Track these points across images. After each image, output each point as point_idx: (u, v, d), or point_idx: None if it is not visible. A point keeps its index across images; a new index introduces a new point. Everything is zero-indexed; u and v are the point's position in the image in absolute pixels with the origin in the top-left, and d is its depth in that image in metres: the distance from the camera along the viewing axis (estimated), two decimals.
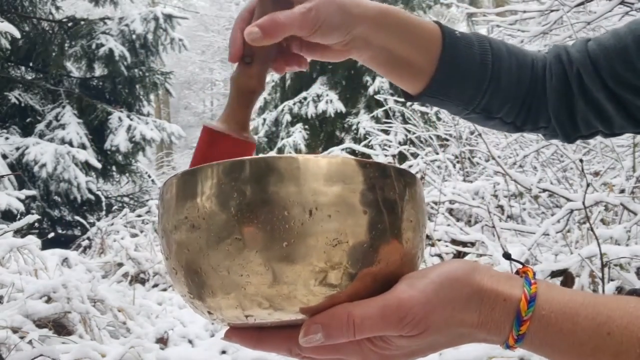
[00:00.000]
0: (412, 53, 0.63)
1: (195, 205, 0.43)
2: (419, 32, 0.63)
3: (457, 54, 0.64)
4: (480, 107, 0.68)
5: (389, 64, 0.64)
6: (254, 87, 0.56)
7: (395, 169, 0.46)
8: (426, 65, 0.64)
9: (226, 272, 0.42)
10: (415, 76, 0.65)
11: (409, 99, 0.69)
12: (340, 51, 0.61)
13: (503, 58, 0.67)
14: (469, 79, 0.66)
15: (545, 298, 0.43)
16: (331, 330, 0.42)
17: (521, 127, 0.72)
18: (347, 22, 0.57)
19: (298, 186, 0.41)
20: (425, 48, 0.63)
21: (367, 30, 0.59)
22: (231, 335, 0.47)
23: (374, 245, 0.43)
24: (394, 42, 0.61)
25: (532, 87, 0.69)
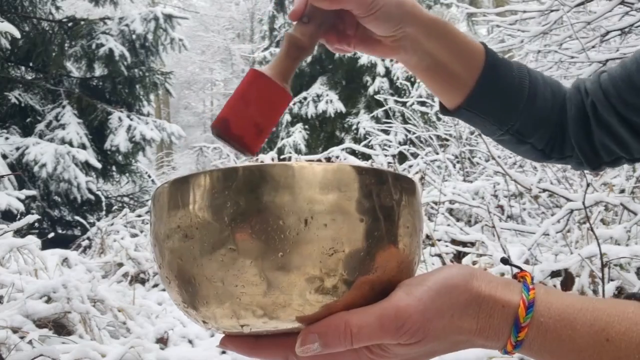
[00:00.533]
0: (457, 64, 0.66)
1: (188, 214, 0.42)
2: (465, 45, 0.67)
3: (497, 73, 0.68)
4: (514, 129, 0.71)
5: (433, 70, 0.67)
6: (303, 44, 0.60)
7: (392, 175, 0.45)
8: (468, 78, 0.67)
9: (220, 283, 0.41)
10: (456, 88, 0.68)
11: (446, 113, 0.73)
12: (390, 47, 0.65)
13: (539, 85, 0.71)
14: (506, 97, 0.69)
15: (543, 304, 0.43)
16: (328, 340, 0.41)
17: (550, 155, 0.75)
18: (401, 17, 0.62)
19: (293, 195, 0.40)
20: (468, 62, 0.67)
21: (418, 33, 0.63)
22: (226, 343, 0.46)
23: (370, 253, 0.42)
24: (441, 50, 0.65)
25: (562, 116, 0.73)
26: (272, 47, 11.42)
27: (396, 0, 0.61)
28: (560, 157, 0.76)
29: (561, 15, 2.84)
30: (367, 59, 10.26)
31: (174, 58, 16.47)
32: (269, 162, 0.43)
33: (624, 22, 2.83)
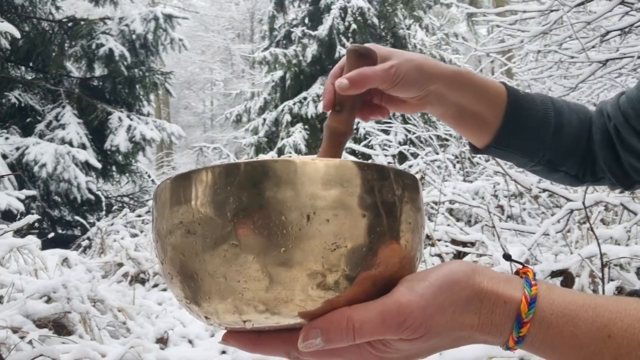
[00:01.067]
0: (481, 108, 0.71)
1: (190, 210, 0.42)
2: (487, 89, 0.71)
3: (520, 109, 0.71)
4: (545, 159, 0.74)
5: (460, 117, 0.71)
6: (343, 130, 0.63)
7: (394, 171, 0.45)
8: (493, 118, 0.71)
9: (223, 278, 0.41)
10: (483, 129, 0.72)
11: (476, 151, 0.77)
12: (416, 105, 0.70)
13: (564, 114, 0.74)
14: (532, 131, 0.72)
15: (545, 300, 0.43)
16: (330, 335, 0.42)
17: (583, 179, 0.77)
18: (423, 80, 0.66)
19: (295, 190, 0.40)
20: (492, 103, 0.71)
21: (442, 88, 0.67)
22: (229, 339, 0.46)
23: (372, 248, 0.42)
24: (465, 99, 0.69)
25: (590, 141, 0.75)
26: (272, 47, 11.41)
27: (415, 65, 0.65)
28: (594, 180, 0.78)
29: (561, 15, 2.84)
30: None
31: (174, 58, 16.46)
32: (272, 158, 0.43)
33: (624, 22, 2.83)
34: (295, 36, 11.12)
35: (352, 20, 10.59)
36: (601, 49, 3.10)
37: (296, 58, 10.95)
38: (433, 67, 0.66)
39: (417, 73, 0.65)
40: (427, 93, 0.67)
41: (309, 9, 11.37)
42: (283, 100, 11.17)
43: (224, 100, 22.01)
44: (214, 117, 22.06)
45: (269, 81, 11.67)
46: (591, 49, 2.98)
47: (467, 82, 0.69)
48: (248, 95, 12.68)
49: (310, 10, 11.32)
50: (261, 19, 13.36)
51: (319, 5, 11.07)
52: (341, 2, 10.68)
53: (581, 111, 0.76)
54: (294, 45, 11.10)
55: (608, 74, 3.08)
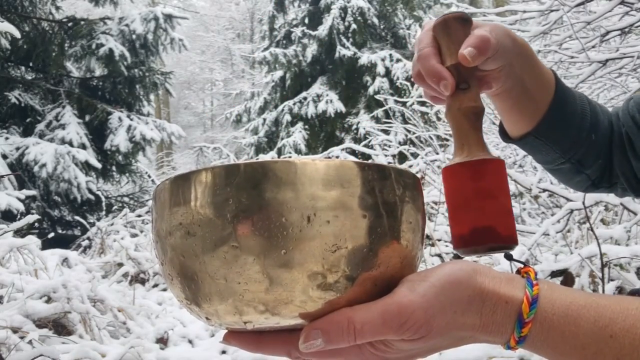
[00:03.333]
0: (537, 89, 0.66)
1: (190, 212, 0.42)
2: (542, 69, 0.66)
3: (566, 99, 0.68)
4: (576, 158, 0.71)
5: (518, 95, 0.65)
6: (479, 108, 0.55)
7: (395, 170, 0.45)
8: (543, 104, 0.67)
9: (223, 280, 0.41)
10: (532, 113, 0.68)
11: (508, 140, 0.72)
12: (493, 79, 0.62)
13: (598, 114, 0.72)
14: (572, 125, 0.69)
15: (547, 300, 0.43)
16: (331, 336, 0.42)
17: (598, 185, 0.75)
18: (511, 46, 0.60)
19: (295, 191, 0.40)
20: (545, 86, 0.67)
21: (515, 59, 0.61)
22: (229, 339, 0.46)
23: (373, 249, 0.42)
24: (527, 73, 0.64)
25: (612, 145, 0.73)
26: (272, 47, 11.41)
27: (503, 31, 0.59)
28: (608, 186, 0.76)
29: (561, 15, 2.84)
30: (367, 58, 10.26)
31: (174, 58, 16.46)
32: (272, 159, 0.43)
33: (624, 22, 2.83)
34: (295, 36, 11.13)
35: (352, 20, 10.59)
36: (601, 49, 3.10)
37: (296, 58, 10.95)
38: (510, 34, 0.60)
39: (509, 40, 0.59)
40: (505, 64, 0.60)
41: (309, 9, 11.37)
42: (283, 100, 11.18)
43: (224, 100, 22.01)
44: (214, 117, 22.06)
45: (269, 81, 11.67)
46: (591, 49, 2.98)
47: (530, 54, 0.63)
48: (248, 95, 12.68)
49: (310, 10, 11.32)
50: (261, 19, 13.37)
51: (319, 5, 11.07)
52: (341, 2, 10.68)
53: (607, 114, 0.74)
54: (294, 45, 11.10)
55: (608, 74, 3.08)
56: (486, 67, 0.59)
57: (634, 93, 2.60)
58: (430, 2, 11.95)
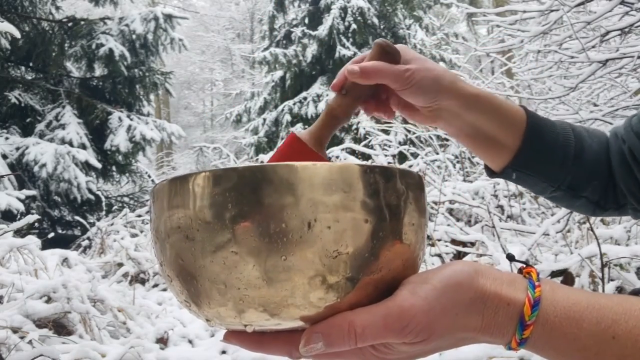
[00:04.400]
0: (499, 130, 0.68)
1: (188, 215, 0.41)
2: (506, 112, 0.68)
3: (540, 132, 0.69)
4: (565, 185, 0.71)
5: (474, 138, 0.69)
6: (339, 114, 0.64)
7: (399, 171, 0.44)
8: (511, 141, 0.69)
9: (223, 285, 0.41)
10: (501, 151, 0.70)
11: (492, 175, 0.74)
12: (428, 117, 0.68)
13: (584, 138, 0.72)
14: (553, 154, 0.70)
15: (549, 302, 0.43)
16: (332, 340, 0.42)
17: (605, 206, 0.75)
18: (437, 92, 0.65)
19: (296, 196, 0.39)
20: (511, 125, 0.68)
21: (457, 106, 0.66)
22: (230, 338, 0.46)
23: (375, 253, 0.41)
24: (482, 120, 0.67)
25: (610, 166, 0.73)
26: (272, 47, 11.41)
27: (433, 75, 0.64)
28: (616, 208, 0.75)
29: (561, 15, 2.84)
30: None
31: (174, 58, 16.46)
32: (272, 163, 0.42)
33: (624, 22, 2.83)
34: (295, 36, 11.12)
35: (352, 20, 10.58)
36: (601, 49, 3.10)
37: (296, 58, 10.95)
38: (451, 84, 0.65)
39: (432, 83, 0.64)
40: (438, 106, 0.66)
41: (309, 9, 11.37)
42: (283, 100, 11.17)
43: (224, 100, 22.00)
44: (214, 117, 22.06)
45: (269, 81, 11.67)
46: (591, 49, 2.98)
47: (486, 104, 0.67)
48: (248, 95, 12.68)
49: (310, 10, 11.32)
50: (261, 19, 13.37)
51: (319, 5, 11.07)
52: (341, 2, 10.67)
53: (599, 135, 0.74)
54: (294, 45, 11.10)
55: (608, 74, 3.08)
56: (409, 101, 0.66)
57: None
58: (430, 2, 11.95)
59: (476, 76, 4.81)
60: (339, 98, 0.64)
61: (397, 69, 0.63)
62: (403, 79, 0.63)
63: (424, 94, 0.64)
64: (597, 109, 3.54)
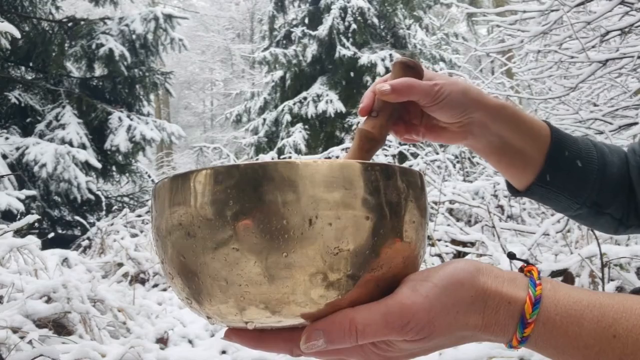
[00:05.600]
0: (525, 143, 0.67)
1: (190, 212, 0.41)
2: (531, 124, 0.68)
3: (564, 146, 0.69)
4: (590, 201, 0.70)
5: (502, 152, 0.68)
6: (374, 136, 0.61)
7: (399, 169, 0.44)
8: (537, 155, 0.68)
9: (224, 282, 0.41)
10: (527, 166, 0.69)
11: (516, 194, 0.73)
12: (457, 133, 0.66)
13: (606, 154, 0.71)
14: (577, 169, 0.69)
15: (550, 300, 0.43)
16: (333, 337, 0.42)
17: (627, 223, 0.74)
18: (467, 104, 0.64)
19: (297, 194, 0.40)
20: (536, 139, 0.68)
21: (485, 117, 0.65)
22: (231, 335, 0.46)
23: (376, 250, 0.42)
24: (509, 131, 0.66)
25: (630, 181, 0.72)
26: (272, 47, 11.41)
27: (461, 88, 0.63)
28: (639, 225, 0.74)
29: (561, 15, 2.84)
30: (367, 58, 10.26)
31: (174, 58, 16.47)
32: (273, 160, 0.42)
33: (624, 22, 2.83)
34: (295, 36, 11.13)
35: (352, 20, 10.59)
36: (601, 49, 3.10)
37: (296, 58, 10.95)
38: (478, 94, 0.64)
39: (461, 96, 0.63)
40: (469, 120, 0.64)
41: (309, 9, 11.37)
42: (283, 100, 11.17)
43: (224, 100, 22.01)
44: (214, 117, 22.06)
45: (269, 81, 11.67)
46: (591, 49, 2.98)
47: (512, 115, 0.66)
48: (248, 95, 12.68)
49: (310, 10, 11.32)
50: (261, 19, 13.37)
51: (319, 5, 11.07)
52: (341, 2, 10.68)
53: (618, 151, 0.74)
54: (294, 45, 11.10)
55: (608, 74, 3.08)
56: (439, 117, 0.64)
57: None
58: (430, 2, 11.95)
59: (476, 76, 4.81)
60: (370, 120, 0.62)
61: (427, 84, 0.62)
62: (433, 94, 0.62)
63: (453, 108, 0.63)
64: (597, 109, 3.55)
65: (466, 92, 0.63)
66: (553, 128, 0.69)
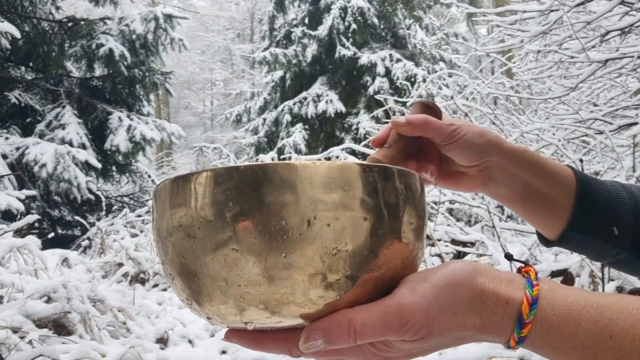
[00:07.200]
0: (550, 187, 0.64)
1: (190, 213, 0.42)
2: (553, 168, 0.65)
3: (592, 189, 0.65)
4: (629, 242, 0.67)
5: (527, 198, 0.65)
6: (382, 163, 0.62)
7: (397, 171, 0.45)
8: (565, 198, 0.65)
9: (224, 282, 0.41)
10: (556, 212, 0.65)
11: (549, 244, 0.69)
12: (477, 178, 0.64)
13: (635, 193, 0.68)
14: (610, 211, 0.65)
15: (547, 300, 0.43)
16: (332, 337, 0.42)
17: None
18: (484, 146, 0.62)
19: (296, 195, 0.40)
20: (561, 182, 0.65)
21: (504, 161, 0.63)
22: (231, 336, 0.47)
23: (374, 251, 0.42)
24: (532, 175, 0.64)
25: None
26: (272, 47, 11.41)
27: (478, 130, 0.62)
28: None
29: (561, 15, 2.84)
30: (367, 58, 10.26)
31: (174, 58, 16.46)
32: (272, 162, 0.43)
33: (624, 22, 2.83)
34: (295, 36, 11.13)
35: (352, 20, 10.59)
36: (601, 49, 3.10)
37: (296, 58, 10.95)
38: (496, 137, 0.63)
39: (478, 137, 0.62)
40: (488, 164, 0.62)
41: (309, 9, 11.37)
42: (283, 100, 11.18)
43: (224, 100, 22.01)
44: (214, 117, 22.06)
45: (269, 81, 11.67)
46: (591, 49, 2.98)
47: (533, 158, 0.64)
48: (248, 95, 12.68)
49: (310, 10, 11.32)
50: (261, 19, 13.38)
51: (319, 5, 11.07)
52: (341, 2, 10.68)
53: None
54: (294, 45, 11.10)
55: (608, 74, 3.08)
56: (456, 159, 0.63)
57: None
58: (430, 2, 11.95)
59: (476, 76, 4.81)
60: (382, 150, 0.62)
61: (443, 122, 0.61)
62: (449, 132, 0.61)
63: (469, 148, 0.62)
64: (597, 109, 3.55)
65: (483, 134, 0.62)
66: (576, 170, 0.66)
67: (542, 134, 3.09)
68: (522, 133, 3.17)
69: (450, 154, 0.63)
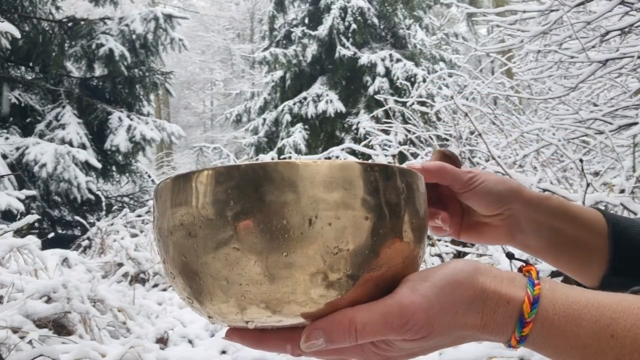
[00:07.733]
0: (581, 231, 0.61)
1: (191, 212, 0.42)
2: (580, 211, 0.62)
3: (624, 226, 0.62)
4: None
5: (560, 245, 0.62)
6: None
7: (398, 170, 0.45)
8: (598, 242, 0.61)
9: (225, 281, 0.41)
10: (591, 256, 0.62)
11: None
12: (501, 228, 0.62)
13: None
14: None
15: (548, 300, 0.43)
16: (332, 336, 0.42)
17: None
18: (504, 193, 0.60)
19: (297, 194, 0.40)
20: (592, 225, 0.62)
21: (528, 208, 0.61)
22: (232, 335, 0.47)
23: (375, 250, 0.42)
24: (560, 221, 0.61)
25: None
26: (272, 47, 11.41)
27: (496, 177, 0.61)
28: None
29: (561, 15, 2.84)
30: (367, 58, 10.26)
31: (174, 58, 16.46)
32: (273, 160, 0.43)
33: (624, 22, 2.83)
34: (295, 36, 11.13)
35: (352, 20, 10.59)
36: (601, 49, 3.09)
37: (296, 58, 10.95)
38: (518, 185, 0.61)
39: (497, 184, 0.60)
40: (511, 212, 0.60)
41: (309, 9, 11.37)
42: (283, 100, 11.18)
43: (224, 100, 22.01)
44: (214, 117, 22.06)
45: (269, 81, 11.67)
46: (591, 49, 2.98)
47: (558, 203, 0.61)
48: (248, 95, 12.68)
49: (310, 10, 11.32)
50: (261, 19, 13.38)
51: (319, 5, 11.07)
52: (341, 2, 10.68)
53: None
54: (294, 45, 11.10)
55: (608, 74, 3.08)
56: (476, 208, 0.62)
57: None
58: (430, 2, 11.95)
59: (476, 76, 4.80)
60: None
61: (460, 170, 0.61)
62: (466, 180, 0.60)
63: (489, 196, 0.60)
64: (597, 109, 3.55)
65: (503, 181, 0.61)
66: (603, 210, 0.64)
67: (542, 134, 3.08)
68: (522, 133, 3.17)
69: (470, 202, 0.62)
